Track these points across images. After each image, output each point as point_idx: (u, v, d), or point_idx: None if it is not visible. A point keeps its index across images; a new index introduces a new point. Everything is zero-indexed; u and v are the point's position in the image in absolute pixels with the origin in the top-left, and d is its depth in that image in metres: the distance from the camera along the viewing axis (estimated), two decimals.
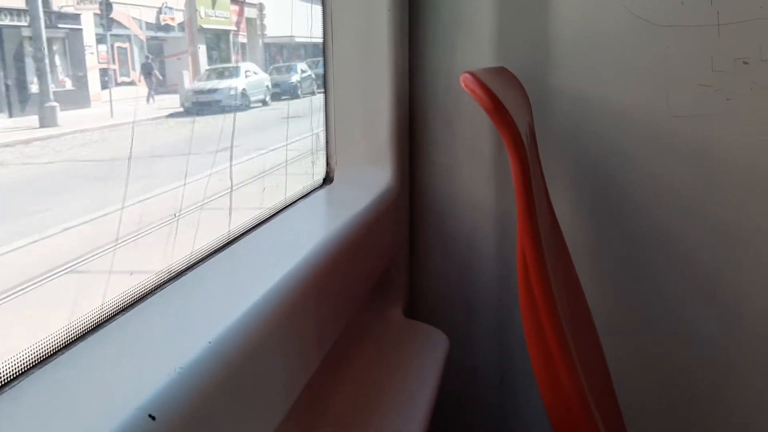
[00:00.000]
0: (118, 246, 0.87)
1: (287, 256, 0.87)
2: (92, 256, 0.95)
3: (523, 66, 1.21)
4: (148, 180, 1.03)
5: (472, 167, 1.28)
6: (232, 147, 1.03)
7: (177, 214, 0.93)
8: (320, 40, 1.23)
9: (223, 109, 1.63)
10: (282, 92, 1.92)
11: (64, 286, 0.94)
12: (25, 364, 0.55)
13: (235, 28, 1.67)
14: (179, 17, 1.46)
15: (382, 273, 1.20)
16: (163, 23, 1.40)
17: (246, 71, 1.71)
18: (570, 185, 1.24)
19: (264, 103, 1.79)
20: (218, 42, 1.65)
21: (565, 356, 0.65)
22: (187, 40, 1.44)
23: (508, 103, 0.70)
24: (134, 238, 0.95)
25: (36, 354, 0.56)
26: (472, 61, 1.24)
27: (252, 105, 1.76)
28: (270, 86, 1.81)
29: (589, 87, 1.21)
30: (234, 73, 1.67)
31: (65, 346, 0.59)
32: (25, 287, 0.87)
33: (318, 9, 1.22)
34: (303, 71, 1.90)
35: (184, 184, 0.96)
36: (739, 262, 1.20)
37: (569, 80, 1.21)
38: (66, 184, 1.16)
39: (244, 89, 1.66)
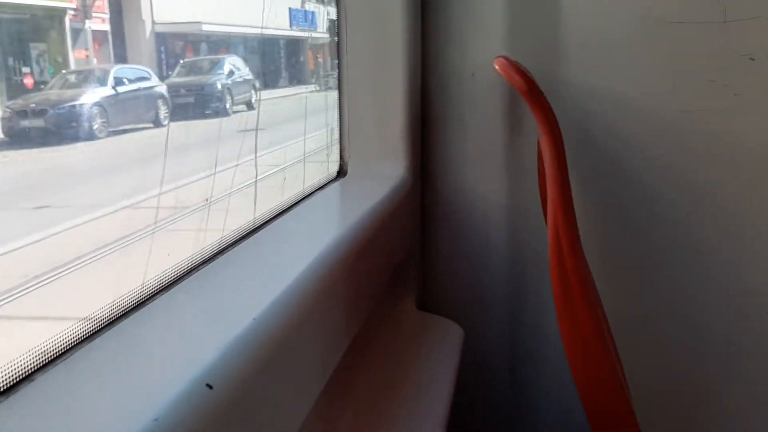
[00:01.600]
0: None
1: (312, 243, 0.88)
2: None
3: (534, 61, 1.23)
4: None
5: (484, 162, 1.29)
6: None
7: None
8: (256, 30, 1.24)
9: None
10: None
11: None
12: (76, 338, 0.55)
13: (73, 7, 0.96)
14: None
15: (397, 265, 1.21)
16: None
17: None
18: (579, 179, 1.26)
19: None
20: (34, 30, 0.89)
21: (597, 330, 0.66)
22: None
23: None
24: None
25: (85, 329, 0.56)
26: (483, 56, 1.26)
27: None
28: None
29: (599, 82, 1.23)
30: None
31: (111, 321, 0.59)
32: None
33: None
34: (120, 83, 1.02)
35: None
36: (749, 255, 1.22)
37: (579, 75, 1.23)
38: None
39: None
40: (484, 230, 1.31)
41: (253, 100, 1.23)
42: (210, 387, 0.50)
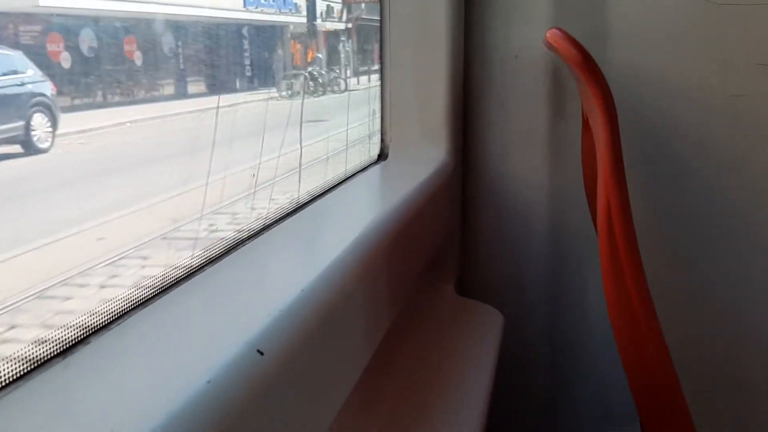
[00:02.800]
0: None
1: (355, 222, 0.88)
2: None
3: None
4: None
5: (526, 146, 1.28)
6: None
7: None
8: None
9: None
10: None
11: None
12: (129, 304, 0.56)
13: None
14: None
15: (437, 248, 1.21)
16: None
17: None
18: (626, 164, 1.24)
19: None
20: None
21: (647, 307, 0.65)
22: None
23: None
24: None
25: (137, 295, 0.57)
26: (527, 38, 1.25)
27: None
28: None
29: (646, 65, 1.20)
30: None
31: (164, 289, 0.60)
32: None
33: None
34: None
35: None
36: None
37: (627, 58, 1.21)
38: None
39: None
40: (526, 215, 1.30)
41: (38, 132, 0.69)
42: (261, 353, 0.50)
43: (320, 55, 1.28)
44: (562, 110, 1.25)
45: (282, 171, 0.86)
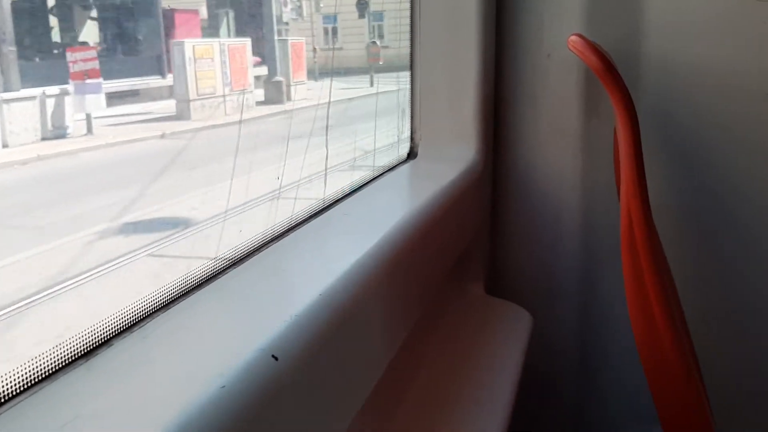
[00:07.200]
0: None
1: (380, 222, 0.89)
2: None
3: (613, 41, 1.19)
4: None
5: (558, 144, 1.27)
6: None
7: None
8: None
9: None
10: None
11: None
12: (152, 307, 0.58)
13: None
14: None
15: (465, 247, 1.21)
16: None
17: None
18: (659, 162, 1.22)
19: None
20: None
21: (667, 318, 0.64)
22: None
23: None
24: None
25: (159, 298, 0.59)
26: (560, 36, 1.23)
27: None
28: None
29: (682, 61, 1.18)
30: None
31: (184, 294, 0.61)
32: None
33: None
34: None
35: None
36: None
37: (661, 55, 1.18)
38: None
39: None
40: (557, 214, 1.29)
41: None
42: (275, 358, 0.51)
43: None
44: (595, 108, 1.23)
45: None
